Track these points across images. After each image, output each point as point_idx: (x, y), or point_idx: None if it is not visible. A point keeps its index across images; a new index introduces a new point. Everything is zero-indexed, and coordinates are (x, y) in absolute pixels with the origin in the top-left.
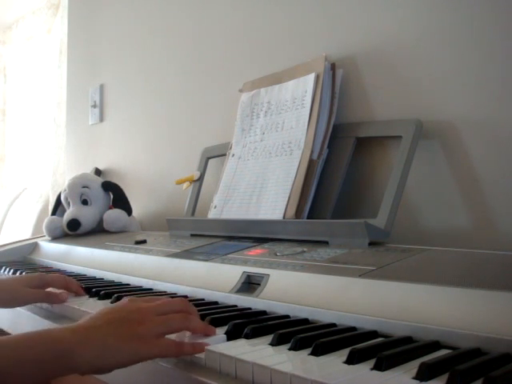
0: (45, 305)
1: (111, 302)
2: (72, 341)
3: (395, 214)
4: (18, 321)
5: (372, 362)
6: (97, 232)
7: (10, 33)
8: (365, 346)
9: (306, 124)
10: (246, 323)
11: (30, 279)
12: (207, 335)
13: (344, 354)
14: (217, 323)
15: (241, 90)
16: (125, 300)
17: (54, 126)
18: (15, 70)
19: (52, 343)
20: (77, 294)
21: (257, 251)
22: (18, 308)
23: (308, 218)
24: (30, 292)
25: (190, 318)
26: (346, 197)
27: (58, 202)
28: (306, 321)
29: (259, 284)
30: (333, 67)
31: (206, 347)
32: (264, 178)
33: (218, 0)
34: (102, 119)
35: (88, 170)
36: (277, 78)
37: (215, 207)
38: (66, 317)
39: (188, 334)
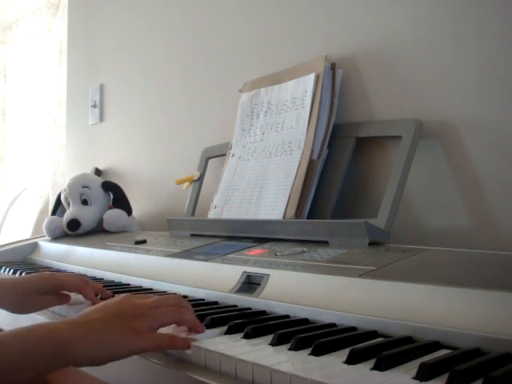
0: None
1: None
2: (70, 333)
3: (395, 214)
4: (17, 322)
5: (372, 362)
6: (97, 232)
7: (10, 33)
8: (365, 345)
9: (306, 124)
10: (245, 323)
11: (40, 283)
12: (196, 331)
13: (344, 354)
14: (217, 323)
15: (241, 90)
16: (120, 296)
17: (53, 125)
18: (15, 69)
19: (51, 336)
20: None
21: (257, 251)
22: None
23: (308, 217)
24: (41, 301)
25: (182, 312)
26: (346, 197)
27: (58, 202)
28: (305, 321)
29: (259, 284)
30: (333, 67)
31: (205, 347)
32: (264, 178)
33: (218, 0)
34: (102, 119)
35: (88, 170)
36: (277, 78)
37: (215, 207)
38: None
39: (184, 329)
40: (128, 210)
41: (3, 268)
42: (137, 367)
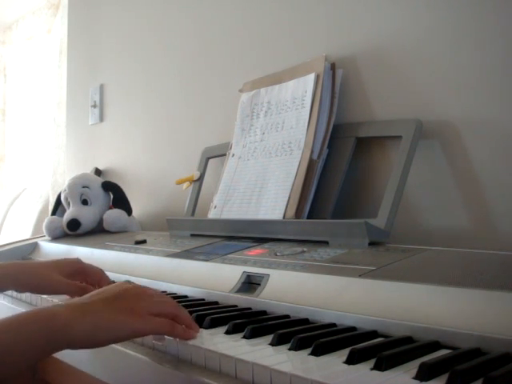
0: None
1: None
2: (67, 315)
3: (395, 214)
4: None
5: (372, 362)
6: (97, 232)
7: (10, 33)
8: (365, 345)
9: (306, 124)
10: (245, 323)
11: (64, 265)
12: (192, 330)
13: (344, 354)
14: (217, 323)
15: (241, 90)
16: (120, 282)
17: (53, 125)
18: (15, 69)
19: (47, 319)
20: None
21: (257, 251)
22: (17, 307)
23: (308, 218)
24: (62, 282)
25: (180, 310)
26: (346, 197)
27: (58, 202)
28: (305, 321)
29: (259, 284)
30: (333, 67)
31: (205, 347)
32: (264, 178)
33: (218, 0)
34: (102, 119)
35: (88, 170)
36: (277, 78)
37: (215, 207)
38: None
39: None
40: (128, 210)
41: None
42: (137, 367)
